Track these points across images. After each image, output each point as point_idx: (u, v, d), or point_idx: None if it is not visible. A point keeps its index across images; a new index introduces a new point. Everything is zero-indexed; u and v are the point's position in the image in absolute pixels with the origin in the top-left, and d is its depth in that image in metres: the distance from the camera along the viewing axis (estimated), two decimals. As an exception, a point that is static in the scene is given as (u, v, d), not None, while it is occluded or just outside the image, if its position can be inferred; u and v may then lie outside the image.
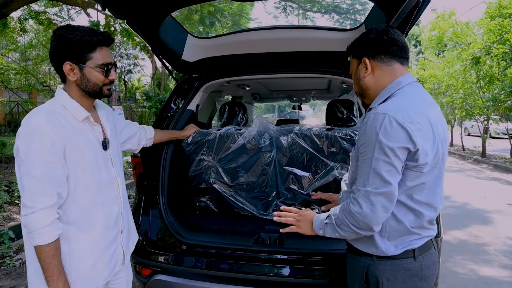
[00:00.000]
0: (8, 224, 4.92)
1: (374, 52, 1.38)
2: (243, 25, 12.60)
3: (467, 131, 20.92)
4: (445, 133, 1.35)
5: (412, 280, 1.35)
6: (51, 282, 1.35)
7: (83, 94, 1.47)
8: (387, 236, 1.33)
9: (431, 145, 1.24)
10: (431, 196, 1.31)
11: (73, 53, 1.40)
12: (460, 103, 12.05)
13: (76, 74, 1.43)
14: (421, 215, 1.31)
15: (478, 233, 5.07)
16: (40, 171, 1.30)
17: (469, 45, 11.52)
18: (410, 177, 1.26)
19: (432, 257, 1.39)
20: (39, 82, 11.42)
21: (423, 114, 1.24)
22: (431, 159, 1.25)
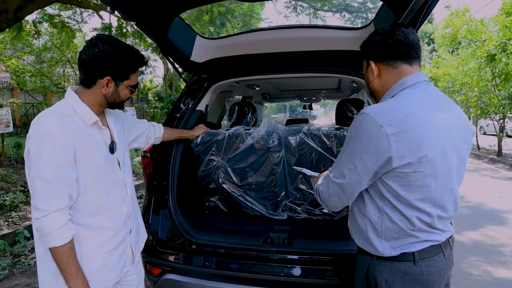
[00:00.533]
0: (23, 223, 5.04)
1: (379, 56, 1.38)
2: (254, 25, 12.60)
3: (482, 130, 20.50)
4: (453, 138, 1.28)
5: (411, 284, 1.31)
6: (70, 280, 1.38)
7: (101, 103, 1.51)
8: (384, 236, 1.32)
9: (414, 148, 1.20)
10: (424, 198, 1.26)
11: (117, 72, 1.47)
12: (475, 101, 11.81)
13: (109, 89, 1.48)
14: (415, 217, 1.27)
15: (493, 233, 4.97)
16: (52, 174, 1.31)
17: (484, 42, 11.28)
18: (391, 178, 1.25)
19: (437, 264, 1.33)
20: (53, 84, 11.65)
21: (413, 119, 1.21)
22: (414, 161, 1.20)
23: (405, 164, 1.20)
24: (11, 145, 8.85)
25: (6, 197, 5.48)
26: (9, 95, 14.20)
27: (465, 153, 1.34)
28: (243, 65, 2.64)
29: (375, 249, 1.34)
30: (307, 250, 2.05)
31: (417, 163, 1.21)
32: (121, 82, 1.49)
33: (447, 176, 1.29)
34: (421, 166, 1.22)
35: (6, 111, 7.60)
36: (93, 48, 1.43)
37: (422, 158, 1.21)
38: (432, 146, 1.22)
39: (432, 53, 22.34)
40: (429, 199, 1.27)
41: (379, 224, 1.31)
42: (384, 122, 1.19)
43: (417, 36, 1.39)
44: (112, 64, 1.44)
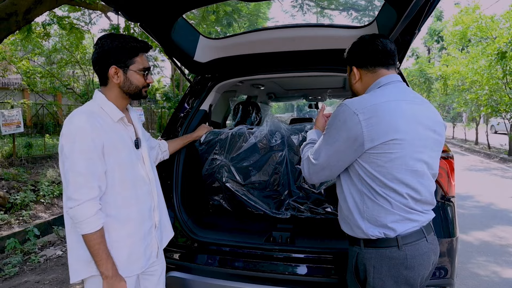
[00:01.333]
0: (33, 221, 5.13)
1: (360, 62, 1.56)
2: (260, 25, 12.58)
3: (493, 129, 20.20)
4: (420, 126, 1.41)
5: (397, 268, 1.41)
6: (101, 265, 1.48)
7: (122, 96, 1.61)
8: (366, 217, 1.43)
9: (382, 131, 1.34)
10: (395, 179, 1.38)
11: (119, 58, 1.55)
12: (485, 100, 11.64)
13: (119, 77, 1.57)
14: (390, 197, 1.39)
15: (502, 234, 4.90)
16: (84, 167, 1.43)
17: (494, 39, 11.11)
18: (366, 161, 1.39)
19: (420, 248, 1.43)
20: (63, 85, 11.81)
21: (382, 107, 1.37)
22: (383, 143, 1.34)
23: (375, 145, 1.35)
24: (22, 145, 9.01)
25: (17, 196, 5.59)
26: (20, 96, 14.45)
27: (434, 142, 1.46)
28: (246, 65, 2.65)
29: (361, 231, 1.44)
30: (309, 248, 2.06)
31: (387, 145, 1.35)
32: (127, 67, 1.57)
33: (415, 158, 1.40)
34: (390, 147, 1.36)
35: (17, 112, 7.74)
36: (96, 48, 1.56)
37: (391, 141, 1.35)
38: (400, 130, 1.35)
39: (442, 51, 22.06)
40: (399, 179, 1.39)
41: (361, 205, 1.44)
42: (357, 110, 1.36)
43: (394, 45, 1.55)
44: (111, 53, 1.54)
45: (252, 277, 2.08)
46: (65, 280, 3.66)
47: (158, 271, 1.84)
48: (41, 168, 7.78)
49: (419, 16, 1.83)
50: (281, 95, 5.03)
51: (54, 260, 4.21)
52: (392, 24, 1.96)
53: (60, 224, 5.33)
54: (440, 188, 2.06)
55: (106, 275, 1.49)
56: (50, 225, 5.20)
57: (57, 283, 3.60)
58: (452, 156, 2.09)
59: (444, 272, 2.02)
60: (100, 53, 1.55)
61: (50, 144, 9.96)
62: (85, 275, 1.54)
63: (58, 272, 3.87)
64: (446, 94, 16.98)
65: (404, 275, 1.41)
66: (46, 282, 3.63)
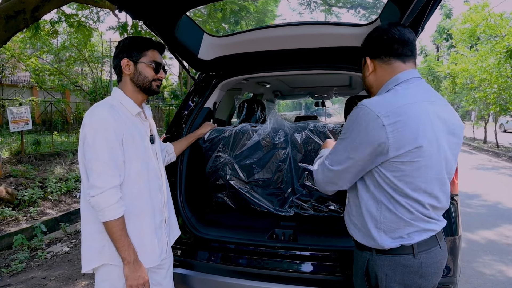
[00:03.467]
0: (41, 218, 5.21)
1: (374, 52, 1.43)
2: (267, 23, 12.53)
3: (502, 127, 19.93)
4: (443, 129, 1.32)
5: (411, 277, 1.33)
6: (123, 251, 1.54)
7: (136, 90, 1.69)
8: (383, 228, 1.33)
9: (409, 138, 1.23)
10: (419, 188, 1.29)
11: (130, 51, 1.65)
12: (494, 98, 11.50)
13: (130, 69, 1.66)
14: (412, 207, 1.30)
15: (509, 233, 4.85)
16: (107, 155, 1.49)
17: (503, 37, 10.95)
18: (388, 168, 1.27)
19: (434, 255, 1.36)
20: (71, 82, 11.93)
21: (408, 110, 1.25)
22: (410, 151, 1.24)
23: (401, 153, 1.23)
24: (30, 142, 9.12)
25: (25, 192, 5.67)
26: (29, 94, 14.63)
27: (454, 146, 1.37)
28: (250, 63, 2.65)
29: (375, 242, 1.35)
30: (311, 246, 2.06)
31: (413, 153, 1.24)
32: (137, 60, 1.66)
33: (440, 166, 1.31)
34: (417, 155, 1.25)
35: (26, 109, 7.84)
36: (116, 48, 1.70)
37: (417, 148, 1.24)
38: (427, 136, 1.25)
39: (450, 49, 21.82)
40: (424, 189, 1.30)
41: (378, 215, 1.33)
42: (380, 113, 1.23)
43: (413, 35, 1.42)
44: (125, 47, 1.67)
45: (255, 274, 2.09)
46: (71, 276, 3.71)
47: (166, 264, 1.89)
48: (49, 165, 7.87)
49: (422, 14, 1.82)
50: (287, 93, 5.02)
51: (60, 256, 4.26)
52: (395, 21, 1.95)
53: (68, 221, 5.40)
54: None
55: (128, 261, 1.55)
56: (57, 222, 5.26)
57: (64, 279, 3.66)
58: (456, 154, 2.08)
59: (447, 271, 2.01)
60: (116, 50, 1.68)
61: (58, 141, 10.07)
62: (95, 265, 1.59)
63: (65, 268, 3.92)
64: (455, 92, 16.80)
65: (418, 284, 1.34)
66: (53, 278, 3.69)
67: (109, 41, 15.23)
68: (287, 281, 2.02)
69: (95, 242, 1.59)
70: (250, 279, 2.07)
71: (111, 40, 15.40)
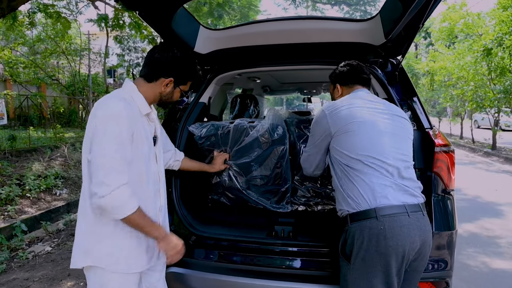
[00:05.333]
0: (20, 217, 4.99)
1: (344, 81, 2.01)
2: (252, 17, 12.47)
3: (476, 123, 20.64)
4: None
5: (377, 238, 1.56)
6: (152, 232, 1.57)
7: (155, 98, 1.67)
8: (346, 189, 1.69)
9: (342, 120, 1.74)
10: (360, 148, 1.67)
11: (181, 76, 1.66)
12: (470, 95, 11.87)
13: (168, 88, 1.65)
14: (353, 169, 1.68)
15: (489, 225, 5.03)
16: (117, 151, 1.43)
17: (480, 36, 11.31)
18: (335, 142, 1.76)
19: (399, 220, 1.58)
20: (48, 76, 11.48)
21: (346, 103, 1.81)
22: (345, 126, 1.72)
23: (338, 129, 1.74)
24: (5, 138, 8.73)
25: (2, 190, 5.42)
26: (2, 87, 13.99)
27: (400, 130, 1.79)
28: (247, 57, 2.60)
29: (347, 202, 1.67)
30: (311, 242, 2.05)
31: (347, 125, 1.72)
32: (179, 85, 1.68)
33: (378, 134, 1.71)
34: (350, 127, 1.71)
35: (0, 103, 7.49)
36: (167, 52, 1.62)
37: (350, 123, 1.72)
38: (358, 116, 1.73)
39: (429, 47, 22.34)
40: (367, 149, 1.67)
41: (342, 180, 1.72)
42: (326, 109, 1.84)
43: (369, 71, 2.07)
44: (180, 69, 1.64)
45: (255, 271, 2.07)
46: (56, 276, 3.58)
47: (159, 265, 1.84)
48: (26, 162, 7.56)
49: (424, 10, 1.82)
50: (276, 89, 4.99)
51: (43, 257, 4.11)
52: (396, 17, 1.95)
53: (48, 219, 5.20)
54: (441, 181, 2.08)
55: (161, 237, 1.59)
56: (38, 220, 5.07)
57: (48, 279, 3.52)
58: (453, 150, 2.11)
59: (444, 265, 2.05)
60: (169, 60, 1.61)
61: (34, 137, 9.69)
62: (81, 265, 1.57)
63: (48, 268, 3.78)
64: (433, 89, 17.25)
65: (383, 244, 1.55)
66: (36, 279, 3.54)
67: (88, 33, 14.73)
68: (286, 278, 2.01)
69: (85, 241, 1.56)
70: (251, 277, 2.05)
71: (89, 33, 14.90)
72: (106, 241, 1.54)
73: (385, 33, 2.17)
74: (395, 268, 1.58)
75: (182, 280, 2.12)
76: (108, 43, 12.46)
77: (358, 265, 1.60)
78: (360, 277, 1.60)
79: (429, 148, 2.06)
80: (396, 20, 1.95)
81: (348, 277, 1.65)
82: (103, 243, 1.54)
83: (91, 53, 14.09)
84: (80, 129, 12.45)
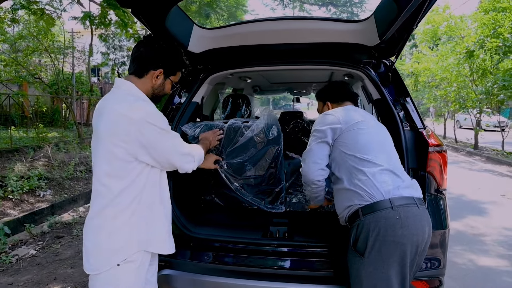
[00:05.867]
0: (2, 219, 4.84)
1: (334, 99, 2.16)
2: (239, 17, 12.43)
3: (458, 124, 21.12)
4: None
5: (393, 228, 1.61)
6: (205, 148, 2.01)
7: (147, 93, 1.69)
8: (357, 183, 1.73)
9: (351, 119, 1.89)
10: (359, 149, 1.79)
11: (169, 66, 1.70)
12: (453, 96, 12.14)
13: (158, 80, 1.69)
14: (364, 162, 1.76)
15: (474, 223, 5.15)
16: (172, 131, 1.70)
17: (463, 38, 11.58)
18: (345, 138, 1.84)
19: (411, 210, 1.66)
20: (30, 74, 11.15)
21: (347, 111, 1.97)
22: (352, 125, 1.86)
23: (348, 126, 1.86)
24: (-14, 138, 8.47)
25: (-17, 191, 5.25)
26: (-19, 86, 13.53)
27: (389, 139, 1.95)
28: (241, 57, 2.59)
29: (360, 195, 1.70)
30: (307, 242, 2.05)
31: (357, 123, 1.86)
32: (168, 76, 1.72)
33: (362, 136, 1.83)
34: (360, 125, 1.85)
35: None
36: (152, 44, 1.68)
37: (360, 122, 1.88)
38: (354, 124, 1.87)
39: (413, 48, 22.75)
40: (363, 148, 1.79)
41: (351, 176, 1.76)
42: (331, 111, 2.02)
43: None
44: (167, 59, 1.69)
45: (248, 272, 2.05)
46: (41, 280, 3.48)
47: (156, 260, 1.88)
48: (8, 162, 7.34)
49: (418, 11, 1.84)
50: (266, 89, 4.99)
51: (27, 260, 3.98)
52: (391, 19, 1.96)
53: (31, 222, 5.05)
54: (434, 180, 2.11)
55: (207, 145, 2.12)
56: (21, 223, 4.92)
57: (33, 284, 3.42)
58: (445, 150, 2.14)
59: (438, 263, 2.09)
60: (156, 52, 1.66)
61: (16, 137, 9.41)
62: (123, 257, 1.56)
63: (33, 272, 3.67)
64: (417, 90, 17.58)
65: (399, 233, 1.60)
66: (21, 283, 3.44)
67: (71, 31, 14.38)
68: (280, 278, 2.01)
69: (124, 233, 1.56)
70: (244, 278, 2.03)
71: (73, 31, 14.55)
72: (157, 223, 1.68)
73: (379, 34, 2.19)
74: (409, 258, 1.62)
75: (176, 282, 2.09)
76: (92, 41, 12.21)
77: (374, 257, 1.62)
78: (375, 270, 1.62)
79: (423, 147, 2.08)
80: (391, 21, 1.96)
81: (362, 272, 1.65)
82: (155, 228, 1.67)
83: (75, 51, 13.78)
84: (64, 129, 12.16)
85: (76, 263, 3.84)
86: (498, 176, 8.68)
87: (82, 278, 3.47)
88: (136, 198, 1.57)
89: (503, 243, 4.40)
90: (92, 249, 1.57)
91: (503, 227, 4.99)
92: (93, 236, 1.57)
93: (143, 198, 1.60)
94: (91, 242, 1.57)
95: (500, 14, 9.61)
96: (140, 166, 1.58)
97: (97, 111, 1.63)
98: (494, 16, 9.66)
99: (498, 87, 9.79)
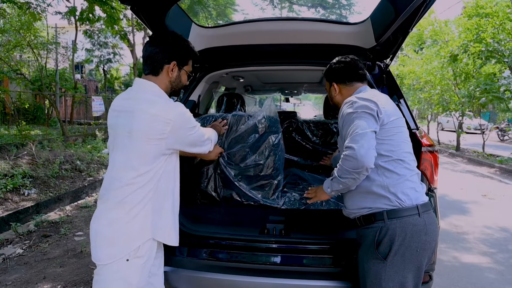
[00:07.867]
0: (-13, 217, 4.72)
1: (340, 79, 1.91)
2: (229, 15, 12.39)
3: (441, 126, 21.65)
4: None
5: (419, 234, 1.61)
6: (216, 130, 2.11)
7: (166, 89, 1.76)
8: (387, 186, 1.65)
9: (390, 113, 1.72)
10: (388, 149, 1.68)
11: (181, 57, 1.75)
12: (437, 99, 12.43)
13: (174, 73, 1.74)
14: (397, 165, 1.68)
15: (457, 222, 5.30)
16: None
17: (447, 43, 11.87)
18: (379, 134, 1.68)
19: (431, 216, 1.69)
20: (12, 70, 10.86)
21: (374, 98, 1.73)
22: (390, 122, 1.70)
23: (388, 121, 1.70)
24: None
25: (-34, 189, 5.10)
26: (-41, 81, 13.08)
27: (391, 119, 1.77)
28: (239, 56, 2.60)
29: (388, 199, 1.64)
30: (304, 239, 2.09)
31: (394, 121, 1.72)
32: (182, 67, 1.77)
33: (392, 134, 1.72)
34: (397, 123, 1.73)
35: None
36: (159, 40, 1.74)
37: (397, 119, 1.74)
38: (385, 113, 1.70)
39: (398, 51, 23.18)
40: (398, 149, 1.71)
41: (381, 178, 1.66)
42: (367, 96, 1.75)
43: (363, 64, 1.94)
44: (177, 50, 1.74)
45: (246, 269, 2.07)
46: (30, 280, 3.41)
47: (160, 253, 1.91)
48: (-10, 160, 7.14)
49: (415, 14, 1.90)
50: (257, 88, 5.01)
51: (14, 259, 3.89)
52: (388, 22, 2.02)
53: (16, 220, 4.94)
54: (426, 179, 2.18)
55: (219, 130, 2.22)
56: (5, 222, 4.80)
57: (22, 283, 3.35)
58: (437, 150, 2.22)
59: (429, 259, 2.14)
60: (165, 47, 1.71)
61: (-3, 134, 9.18)
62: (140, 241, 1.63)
63: (21, 272, 3.59)
64: (401, 92, 17.90)
65: (423, 240, 1.62)
66: (9, 283, 3.36)
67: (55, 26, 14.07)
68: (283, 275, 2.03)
69: (140, 220, 1.63)
70: (242, 275, 2.05)
71: (57, 26, 14.24)
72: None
73: (375, 37, 2.24)
74: (425, 262, 1.67)
75: (173, 279, 2.10)
76: (77, 37, 11.97)
77: (397, 262, 1.61)
78: (395, 274, 1.62)
79: (416, 148, 2.14)
80: (388, 24, 2.01)
81: (382, 275, 1.63)
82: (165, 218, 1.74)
83: (59, 47, 13.48)
84: (47, 126, 11.89)
85: (65, 262, 3.78)
86: (479, 176, 8.95)
87: (72, 277, 3.42)
88: (153, 188, 1.65)
89: (485, 241, 4.56)
90: (110, 237, 1.61)
91: (485, 225, 5.16)
92: (110, 226, 1.62)
93: (159, 187, 1.68)
94: (109, 232, 1.62)
95: (483, 19, 9.89)
96: (164, 157, 1.67)
97: (116, 110, 1.69)
98: (477, 21, 9.93)
99: (480, 91, 10.09)
